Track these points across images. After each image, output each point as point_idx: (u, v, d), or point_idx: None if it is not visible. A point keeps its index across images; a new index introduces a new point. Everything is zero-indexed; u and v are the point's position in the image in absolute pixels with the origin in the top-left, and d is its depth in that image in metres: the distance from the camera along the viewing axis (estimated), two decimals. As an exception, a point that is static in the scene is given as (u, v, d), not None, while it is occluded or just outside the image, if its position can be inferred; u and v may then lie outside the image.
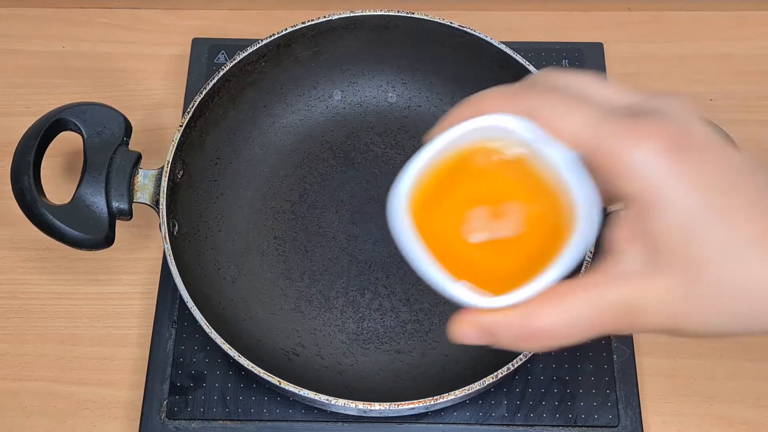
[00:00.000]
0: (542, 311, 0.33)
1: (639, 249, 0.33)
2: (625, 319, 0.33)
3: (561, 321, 0.33)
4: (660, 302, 0.33)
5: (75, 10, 0.75)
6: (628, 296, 0.33)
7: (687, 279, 0.32)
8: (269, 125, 0.66)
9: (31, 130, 0.56)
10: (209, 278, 0.60)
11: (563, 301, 0.33)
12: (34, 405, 0.59)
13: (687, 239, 0.32)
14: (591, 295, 0.33)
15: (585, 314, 0.33)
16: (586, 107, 0.33)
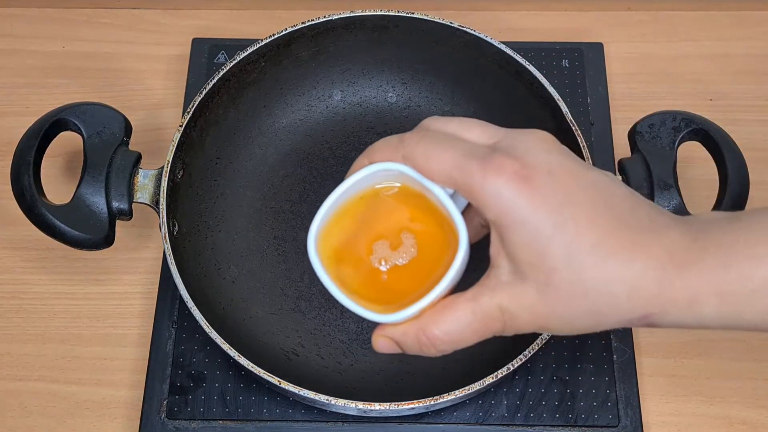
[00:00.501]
0: (434, 323, 0.40)
1: (504, 262, 0.39)
2: (505, 323, 0.40)
3: (451, 329, 0.40)
4: (524, 306, 0.39)
5: (75, 10, 0.75)
6: (500, 303, 0.39)
7: (539, 285, 0.38)
8: (269, 125, 0.66)
9: (31, 130, 0.56)
10: (209, 278, 0.60)
11: (451, 313, 0.40)
12: (34, 405, 0.59)
13: (536, 251, 0.37)
14: (473, 305, 0.40)
15: (469, 321, 0.40)
16: (452, 149, 0.39)
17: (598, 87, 0.69)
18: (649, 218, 0.38)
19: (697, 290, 0.36)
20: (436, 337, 0.40)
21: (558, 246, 0.37)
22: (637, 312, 0.37)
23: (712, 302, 0.37)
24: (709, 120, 0.57)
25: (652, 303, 0.37)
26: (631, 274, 0.37)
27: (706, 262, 0.36)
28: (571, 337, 0.60)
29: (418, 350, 0.41)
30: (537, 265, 0.38)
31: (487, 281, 0.40)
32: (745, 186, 0.55)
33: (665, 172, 0.55)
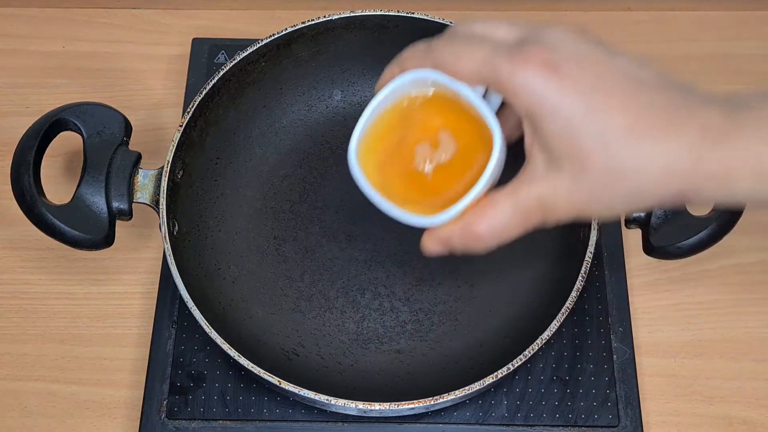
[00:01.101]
0: (477, 220, 0.42)
1: (539, 154, 0.40)
2: (544, 213, 0.41)
3: (494, 224, 0.42)
4: (561, 195, 0.40)
5: (75, 10, 0.75)
6: (538, 194, 0.40)
7: (575, 173, 0.39)
8: (269, 125, 0.66)
9: (31, 130, 0.56)
10: (209, 278, 0.60)
11: (492, 209, 0.41)
12: (34, 405, 0.59)
13: (569, 139, 0.38)
14: (512, 199, 0.41)
15: (510, 215, 0.41)
16: (480, 47, 0.40)
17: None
18: (682, 97, 0.39)
19: (733, 166, 0.37)
20: (480, 234, 0.42)
21: (591, 132, 0.37)
22: (672, 189, 0.38)
23: (747, 178, 0.37)
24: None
25: (687, 180, 0.37)
26: (667, 154, 0.37)
27: (743, 138, 0.37)
28: (571, 337, 0.60)
29: (465, 248, 0.43)
30: (571, 154, 0.38)
31: (524, 175, 0.41)
32: (745, 186, 0.54)
33: (665, 172, 0.55)
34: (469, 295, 0.61)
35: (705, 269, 0.64)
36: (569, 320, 0.60)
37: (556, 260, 0.60)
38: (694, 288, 0.64)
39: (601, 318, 0.60)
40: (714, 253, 0.62)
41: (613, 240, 0.63)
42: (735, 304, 0.63)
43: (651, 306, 0.63)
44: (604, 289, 0.61)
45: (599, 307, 0.61)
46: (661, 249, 0.55)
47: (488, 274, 0.62)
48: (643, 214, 0.55)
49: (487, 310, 0.60)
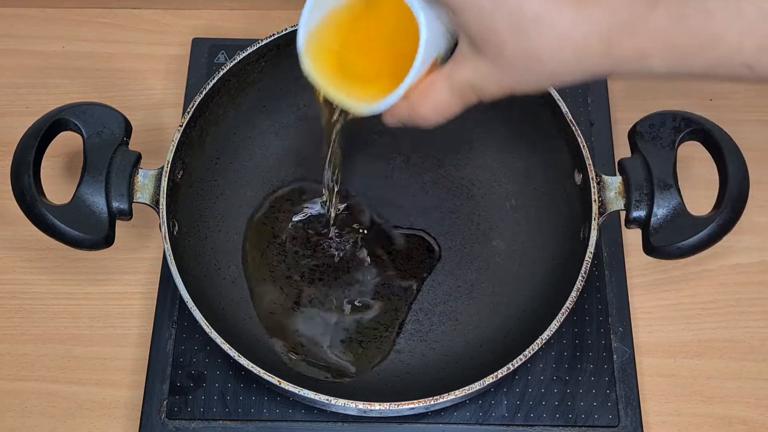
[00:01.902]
0: (420, 103, 0.45)
1: (464, 39, 0.42)
2: (476, 93, 0.43)
3: (435, 105, 0.44)
4: (486, 78, 0.42)
5: (75, 10, 0.75)
6: (468, 77, 0.42)
7: (494, 59, 0.41)
8: (269, 125, 0.66)
9: (31, 130, 0.56)
10: (209, 278, 0.60)
11: (432, 91, 0.44)
12: (34, 405, 0.59)
13: (484, 27, 0.40)
14: (449, 82, 0.43)
15: (448, 96, 0.44)
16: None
17: (598, 87, 0.69)
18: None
19: (646, 46, 0.38)
20: (425, 114, 0.45)
21: (502, 20, 0.39)
22: (588, 71, 0.40)
23: (660, 56, 0.38)
24: (709, 120, 0.57)
25: (601, 62, 0.39)
26: (577, 38, 0.38)
27: (655, 19, 0.38)
28: (571, 337, 0.60)
29: (416, 124, 0.46)
30: (487, 41, 0.40)
31: (455, 58, 0.43)
32: (745, 186, 0.55)
33: (665, 172, 0.55)
34: (469, 295, 0.61)
35: (705, 269, 0.64)
36: (569, 320, 0.60)
37: (556, 260, 0.60)
38: (694, 288, 0.64)
39: (601, 318, 0.60)
40: (714, 253, 0.62)
41: (613, 240, 0.63)
42: (735, 304, 0.63)
43: (651, 306, 0.63)
44: (604, 289, 0.61)
45: (599, 307, 0.61)
46: (661, 249, 0.55)
47: (488, 275, 0.62)
48: (643, 214, 0.55)
49: (487, 310, 0.60)
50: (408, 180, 0.65)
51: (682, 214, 0.55)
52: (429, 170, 0.66)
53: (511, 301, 0.60)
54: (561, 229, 0.60)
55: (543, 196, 0.63)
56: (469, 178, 0.65)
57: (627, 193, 0.55)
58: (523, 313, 0.59)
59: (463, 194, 0.65)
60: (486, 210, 0.64)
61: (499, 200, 0.64)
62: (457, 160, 0.66)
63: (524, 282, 0.61)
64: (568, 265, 0.56)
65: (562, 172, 0.60)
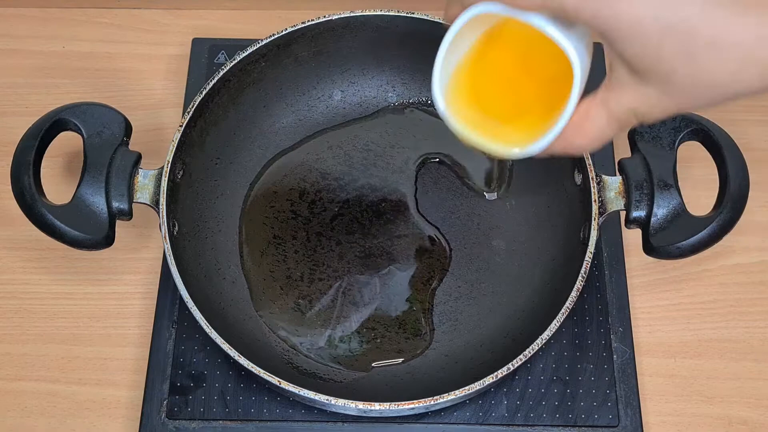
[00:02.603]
0: (577, 136, 0.42)
1: (622, 67, 0.39)
2: (638, 119, 0.41)
3: (593, 136, 0.42)
4: (652, 104, 0.39)
5: (75, 10, 0.75)
6: (629, 105, 0.40)
7: (662, 86, 0.38)
8: (269, 125, 0.66)
9: (31, 130, 0.56)
10: (209, 278, 0.60)
11: (589, 123, 0.42)
12: (34, 405, 0.59)
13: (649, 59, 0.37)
14: (606, 111, 0.41)
15: (606, 125, 0.41)
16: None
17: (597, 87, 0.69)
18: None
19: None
20: (583, 145, 0.42)
21: (671, 49, 0.36)
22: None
23: None
24: (709, 120, 0.57)
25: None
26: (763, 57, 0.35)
27: None
28: (571, 337, 0.60)
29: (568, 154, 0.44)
30: (654, 70, 0.37)
31: (611, 85, 0.40)
32: (745, 186, 0.55)
33: (665, 172, 0.55)
34: (469, 295, 0.61)
35: (705, 269, 0.64)
36: (569, 320, 0.60)
37: (556, 260, 0.60)
38: (694, 288, 0.64)
39: (601, 318, 0.60)
40: (714, 253, 0.62)
41: (613, 240, 0.63)
42: (735, 304, 0.63)
43: (651, 306, 0.63)
44: (604, 289, 0.61)
45: (599, 307, 0.61)
46: (661, 249, 0.55)
47: (488, 275, 0.62)
48: (643, 214, 0.55)
49: (487, 310, 0.60)
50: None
51: (682, 214, 0.55)
52: (429, 171, 0.66)
53: (511, 301, 0.60)
54: (561, 229, 0.60)
55: (543, 196, 0.63)
56: (468, 177, 0.65)
57: (627, 193, 0.55)
58: (523, 313, 0.59)
59: (463, 194, 0.65)
60: (486, 210, 0.64)
61: (499, 200, 0.64)
62: (457, 160, 0.66)
63: (524, 282, 0.61)
64: (568, 265, 0.56)
65: (562, 172, 0.60)
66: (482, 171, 0.65)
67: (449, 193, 0.65)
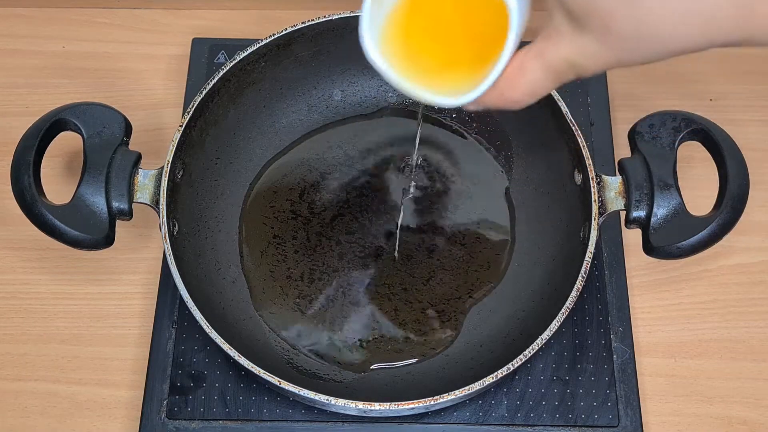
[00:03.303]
0: (511, 88, 0.40)
1: (561, 12, 0.37)
2: (575, 71, 0.39)
3: (528, 88, 0.40)
4: (589, 56, 0.37)
5: (75, 10, 0.75)
6: (566, 56, 0.38)
7: (600, 34, 0.36)
8: (269, 125, 0.66)
9: (31, 130, 0.56)
10: (209, 278, 0.60)
11: (523, 75, 0.40)
12: (34, 405, 0.59)
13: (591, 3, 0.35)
14: (541, 62, 0.39)
15: (542, 78, 0.40)
16: None
17: (598, 87, 0.69)
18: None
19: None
20: (516, 98, 0.41)
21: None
22: (714, 42, 0.35)
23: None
24: (709, 120, 0.57)
25: (732, 32, 0.34)
26: (706, 8, 0.33)
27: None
28: (571, 337, 0.60)
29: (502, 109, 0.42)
30: (592, 14, 0.35)
31: (548, 33, 0.38)
32: (745, 186, 0.55)
33: (665, 172, 0.55)
34: (469, 295, 0.61)
35: (705, 269, 0.64)
36: (569, 320, 0.60)
37: (556, 260, 0.60)
38: (694, 288, 0.64)
39: (601, 318, 0.60)
40: (714, 253, 0.62)
41: (613, 240, 0.63)
42: (735, 304, 0.63)
43: (651, 306, 0.63)
44: (604, 289, 0.61)
45: (599, 307, 0.61)
46: (661, 249, 0.55)
47: (488, 275, 0.62)
48: (643, 214, 0.55)
49: (487, 310, 0.60)
50: (406, 180, 0.65)
51: (682, 214, 0.55)
52: (429, 170, 0.66)
53: (511, 302, 0.60)
54: (561, 229, 0.60)
55: (543, 196, 0.63)
56: (468, 177, 0.65)
57: (627, 193, 0.55)
58: (522, 313, 0.59)
59: (463, 194, 0.65)
60: (486, 209, 0.64)
61: (499, 200, 0.64)
62: (457, 160, 0.66)
63: (524, 282, 0.61)
64: (568, 265, 0.56)
65: (562, 172, 0.60)
66: (480, 171, 0.65)
67: (449, 193, 0.65)
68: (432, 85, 0.43)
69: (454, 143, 0.66)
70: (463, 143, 0.66)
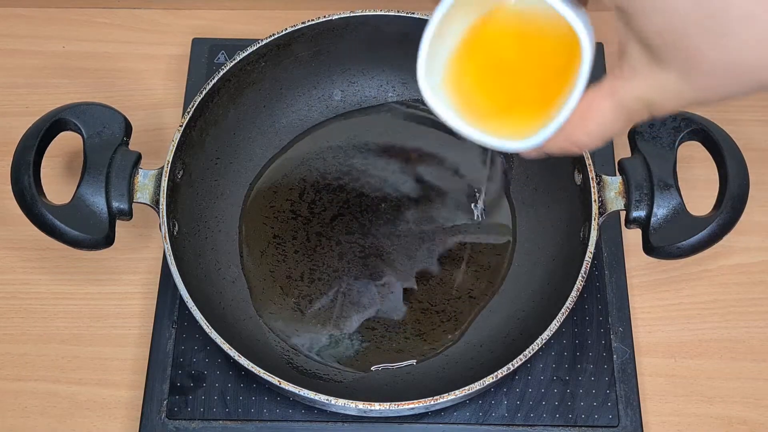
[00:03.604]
0: (579, 130, 0.38)
1: (637, 48, 0.35)
2: (649, 111, 0.36)
3: (596, 130, 0.38)
4: (669, 93, 0.35)
5: (75, 10, 0.75)
6: (642, 94, 0.35)
7: (682, 70, 0.34)
8: (269, 125, 0.66)
9: (31, 130, 0.56)
10: (209, 278, 0.60)
11: (593, 116, 0.37)
12: (34, 405, 0.59)
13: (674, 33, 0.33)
14: (612, 102, 0.36)
15: (612, 119, 0.37)
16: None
17: (598, 87, 0.69)
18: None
19: None
20: (582, 142, 0.38)
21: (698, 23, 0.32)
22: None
23: None
24: (709, 120, 0.57)
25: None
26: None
27: None
28: (571, 337, 0.60)
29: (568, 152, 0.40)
30: (676, 50, 0.33)
31: (622, 72, 0.36)
32: (745, 186, 0.55)
33: (665, 172, 0.55)
34: (469, 295, 0.61)
35: (705, 269, 0.64)
36: (569, 320, 0.60)
37: (556, 260, 0.60)
38: (694, 288, 0.64)
39: (601, 318, 0.60)
40: (714, 253, 0.62)
41: (613, 240, 0.63)
42: (735, 304, 0.63)
43: (651, 306, 0.63)
44: (604, 289, 0.61)
45: (599, 307, 0.61)
46: (661, 249, 0.55)
47: (488, 275, 0.62)
48: (643, 214, 0.55)
49: (487, 310, 0.60)
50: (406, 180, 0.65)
51: (682, 214, 0.55)
52: (428, 170, 0.66)
53: (511, 301, 0.60)
54: (561, 229, 0.60)
55: (543, 196, 0.63)
56: (468, 177, 0.65)
57: (627, 193, 0.55)
58: (523, 313, 0.59)
59: (462, 194, 0.65)
60: (486, 209, 0.64)
61: (498, 201, 0.64)
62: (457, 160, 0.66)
63: (524, 282, 0.61)
64: (568, 265, 0.56)
65: (562, 172, 0.60)
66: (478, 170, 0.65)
67: (449, 193, 0.65)
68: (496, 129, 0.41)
69: (454, 143, 0.66)
70: (463, 143, 0.66)
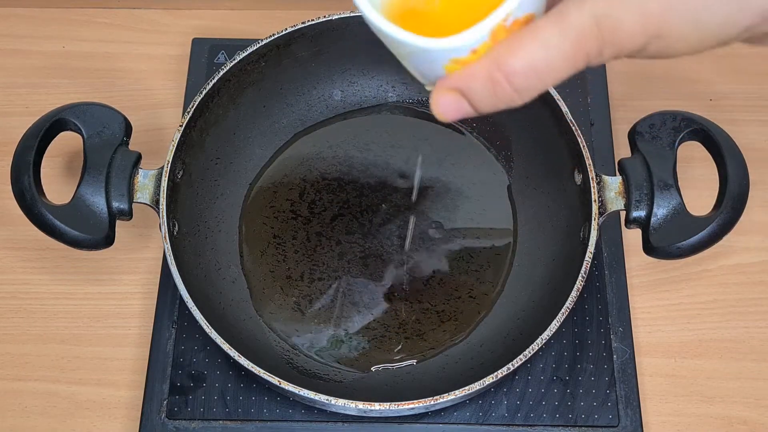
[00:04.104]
0: (511, 52, 0.30)
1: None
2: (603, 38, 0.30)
3: (534, 58, 0.30)
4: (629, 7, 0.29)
5: (75, 10, 0.75)
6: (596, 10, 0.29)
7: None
8: (269, 125, 0.66)
9: (31, 130, 0.56)
10: (209, 278, 0.60)
11: (532, 37, 0.30)
12: (34, 405, 0.59)
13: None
14: (559, 22, 0.30)
15: (557, 43, 0.30)
16: None
17: (598, 87, 0.69)
18: None
19: None
20: (515, 72, 0.30)
21: None
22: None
23: None
24: (709, 120, 0.57)
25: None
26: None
27: None
28: (571, 337, 0.60)
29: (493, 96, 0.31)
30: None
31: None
32: (745, 186, 0.55)
33: (665, 172, 0.55)
34: (469, 295, 0.61)
35: (705, 269, 0.64)
36: (569, 320, 0.60)
37: (556, 260, 0.60)
38: (694, 288, 0.64)
39: (601, 318, 0.60)
40: (714, 253, 0.62)
41: (613, 240, 0.63)
42: (735, 304, 0.63)
43: (651, 306, 0.63)
44: (604, 289, 0.61)
45: (599, 307, 0.61)
46: (661, 249, 0.55)
47: (488, 275, 0.62)
48: (643, 214, 0.55)
49: (488, 310, 0.60)
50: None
51: (682, 214, 0.55)
52: (428, 170, 0.66)
53: (511, 301, 0.60)
54: (561, 229, 0.60)
55: (543, 196, 0.63)
56: (468, 177, 0.65)
57: (627, 193, 0.55)
58: (523, 313, 0.59)
59: (463, 193, 0.65)
60: (486, 210, 0.64)
61: (498, 200, 0.64)
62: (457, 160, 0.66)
63: (524, 282, 0.61)
64: (568, 265, 0.56)
65: (562, 172, 0.60)
66: (480, 170, 0.65)
67: (449, 193, 0.65)
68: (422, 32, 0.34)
69: (454, 143, 0.66)
70: (463, 143, 0.66)
